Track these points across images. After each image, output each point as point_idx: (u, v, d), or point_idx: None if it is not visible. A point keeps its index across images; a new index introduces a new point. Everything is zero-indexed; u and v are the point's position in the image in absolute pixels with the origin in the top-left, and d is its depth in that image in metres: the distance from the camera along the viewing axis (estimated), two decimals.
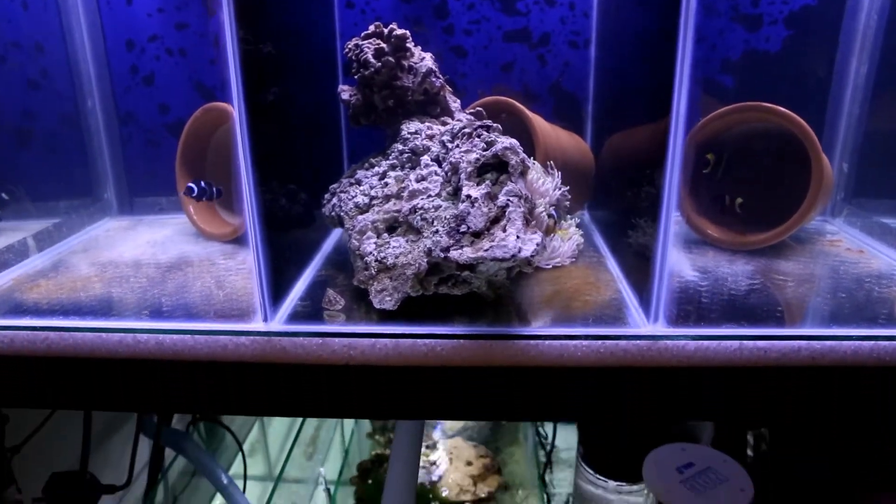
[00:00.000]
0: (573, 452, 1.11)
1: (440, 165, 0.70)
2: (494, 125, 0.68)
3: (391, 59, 0.77)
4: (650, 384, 0.63)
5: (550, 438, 1.33)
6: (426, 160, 0.72)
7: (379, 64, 0.77)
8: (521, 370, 0.63)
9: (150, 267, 0.86)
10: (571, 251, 0.84)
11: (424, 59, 0.80)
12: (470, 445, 1.40)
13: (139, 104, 1.10)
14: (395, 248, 0.66)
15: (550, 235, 0.82)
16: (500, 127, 0.68)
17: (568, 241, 0.84)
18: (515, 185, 0.62)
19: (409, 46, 0.79)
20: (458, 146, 0.68)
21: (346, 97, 0.83)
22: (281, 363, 0.64)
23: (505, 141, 0.64)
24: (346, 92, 0.83)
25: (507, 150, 0.63)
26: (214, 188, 0.94)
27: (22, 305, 0.74)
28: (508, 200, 0.61)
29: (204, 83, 1.09)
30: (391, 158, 0.76)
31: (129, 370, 0.66)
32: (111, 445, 1.18)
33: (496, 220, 0.61)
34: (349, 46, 0.80)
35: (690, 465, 0.85)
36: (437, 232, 0.63)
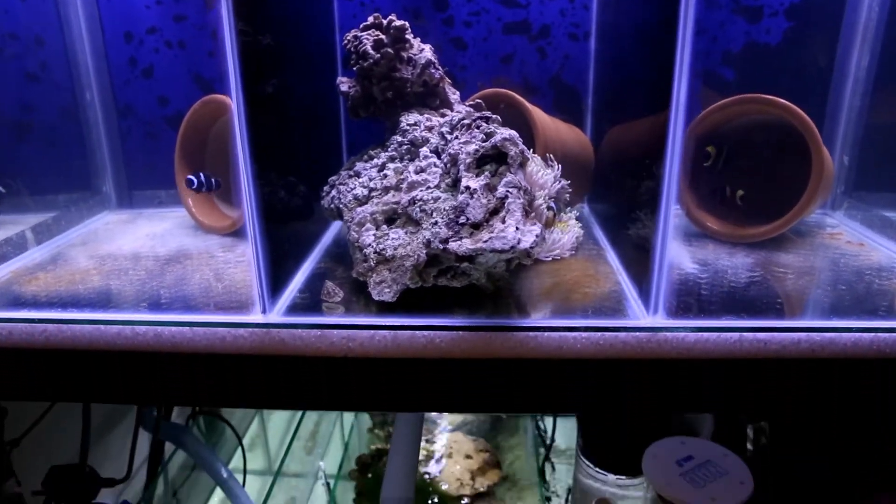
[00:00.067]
0: (573, 446, 1.11)
1: (439, 157, 0.70)
2: (494, 116, 0.68)
3: (390, 50, 0.77)
4: (650, 376, 0.63)
5: (550, 432, 1.33)
6: (425, 152, 0.71)
7: (378, 55, 0.77)
8: (520, 362, 0.62)
9: (148, 260, 0.86)
10: (571, 243, 0.83)
11: (423, 50, 0.80)
12: (470, 439, 1.40)
13: (138, 97, 1.10)
14: (394, 239, 0.66)
15: (550, 228, 0.82)
16: (499, 118, 0.68)
17: (567, 233, 0.83)
18: (515, 176, 0.62)
19: (408, 38, 0.79)
20: (457, 137, 0.67)
21: (344, 89, 0.83)
22: (280, 355, 0.64)
23: (504, 132, 0.64)
24: (344, 83, 0.83)
25: (506, 141, 0.63)
26: (213, 179, 0.94)
27: (20, 298, 0.74)
28: (507, 192, 0.61)
29: (203, 75, 1.08)
30: (390, 150, 0.76)
31: (127, 362, 0.66)
32: (111, 439, 1.18)
33: (495, 211, 0.61)
34: (348, 38, 0.80)
35: (690, 458, 0.85)
36: (436, 223, 0.63)
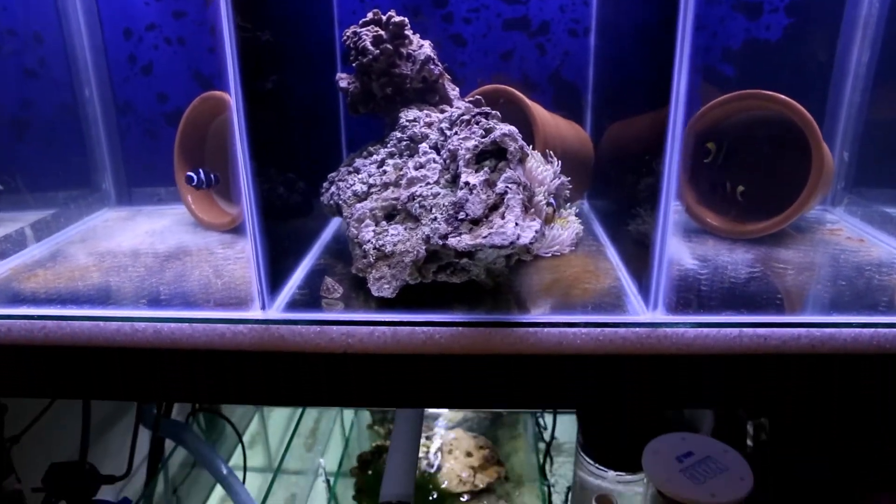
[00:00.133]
0: (573, 443, 1.10)
1: (439, 153, 0.70)
2: (493, 112, 0.68)
3: (389, 46, 0.77)
4: (649, 372, 0.63)
5: (550, 429, 1.33)
6: (424, 147, 0.71)
7: (377, 51, 0.77)
8: (519, 358, 0.62)
9: (148, 256, 0.86)
10: (571, 240, 0.83)
11: (423, 46, 0.80)
12: (470, 436, 1.40)
13: (137, 93, 1.09)
14: (393, 235, 0.66)
15: (549, 224, 0.81)
16: (498, 114, 0.68)
17: (567, 229, 0.83)
18: (514, 171, 0.62)
19: (407, 34, 0.79)
20: (456, 133, 0.67)
21: (344, 85, 0.82)
22: (279, 351, 0.64)
23: (503, 128, 0.64)
24: (344, 80, 0.83)
25: (505, 136, 0.63)
26: (212, 175, 0.94)
27: (19, 295, 0.74)
28: (507, 187, 0.61)
29: (202, 72, 1.08)
30: (389, 146, 0.76)
31: (127, 359, 0.66)
32: (111, 436, 1.18)
33: (495, 207, 0.61)
34: (347, 34, 0.79)
35: (690, 454, 0.85)
36: (435, 219, 0.62)
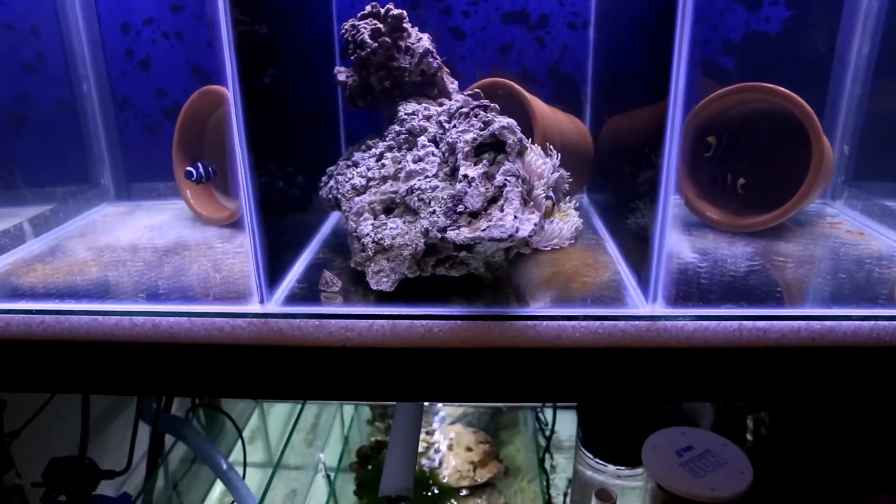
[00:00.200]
0: (573, 438, 1.11)
1: (437, 146, 0.70)
2: (492, 105, 0.67)
3: (388, 39, 0.77)
4: (649, 365, 0.63)
5: (550, 424, 1.33)
6: (423, 141, 0.71)
7: (375, 44, 0.76)
8: (518, 351, 0.62)
9: (147, 251, 0.86)
10: (570, 233, 0.83)
11: (421, 39, 0.79)
12: (470, 431, 1.40)
13: (135, 88, 1.09)
14: (392, 229, 0.66)
15: (549, 217, 0.81)
16: (497, 107, 0.67)
17: (566, 222, 0.83)
18: (513, 164, 0.61)
19: (405, 27, 0.78)
20: (455, 126, 0.67)
21: (342, 78, 0.82)
22: (278, 345, 0.64)
23: (502, 120, 0.63)
24: (342, 73, 0.82)
25: (504, 129, 0.63)
26: (209, 168, 0.94)
27: (18, 289, 0.74)
28: (506, 180, 0.60)
29: (200, 66, 1.08)
30: (388, 140, 0.76)
31: (125, 353, 0.66)
32: (111, 431, 1.18)
33: (493, 200, 0.60)
34: (345, 27, 0.79)
35: (689, 448, 0.85)
36: (434, 212, 0.62)
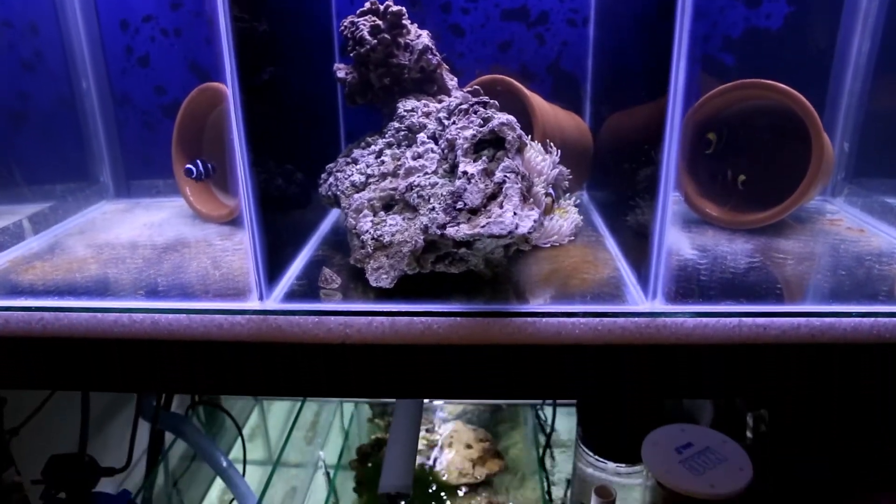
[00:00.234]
0: (573, 436, 1.11)
1: (437, 143, 0.69)
2: (491, 101, 0.67)
3: (387, 36, 0.76)
4: (648, 362, 0.63)
5: (550, 422, 1.33)
6: (423, 137, 0.71)
7: (375, 41, 0.76)
8: (518, 348, 0.62)
9: (146, 248, 0.86)
10: (570, 230, 0.83)
11: (421, 36, 0.79)
12: (470, 429, 1.40)
13: (135, 86, 1.09)
14: (391, 225, 0.66)
15: (549, 214, 0.81)
16: (496, 103, 0.67)
17: (566, 219, 0.83)
18: (512, 161, 0.61)
19: (404, 23, 0.78)
20: (454, 123, 0.67)
21: (342, 75, 0.82)
22: (277, 342, 0.64)
23: (502, 117, 0.63)
24: (341, 70, 0.82)
25: (503, 125, 0.62)
26: (208, 164, 0.94)
27: (17, 287, 0.74)
28: (505, 177, 0.60)
29: (200, 64, 1.07)
30: (387, 137, 0.76)
31: (125, 350, 0.66)
32: (111, 429, 1.18)
33: (493, 196, 0.60)
34: (345, 24, 0.79)
35: (689, 445, 0.85)
36: (433, 209, 0.62)
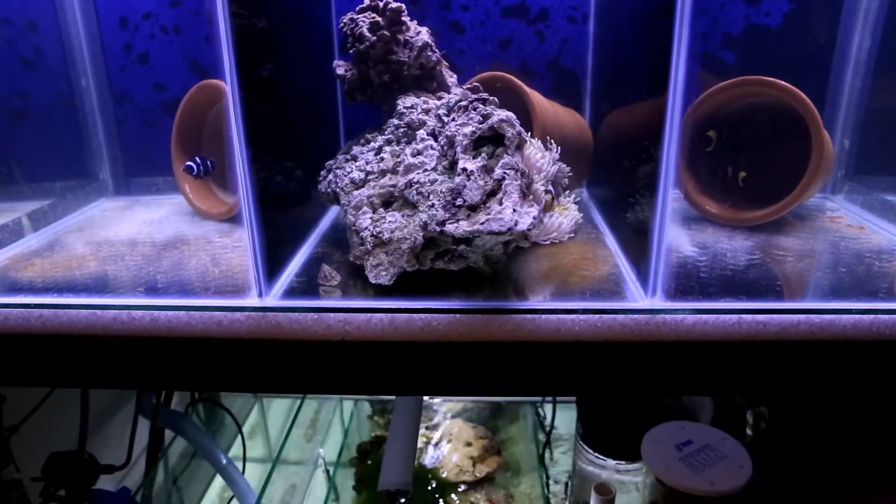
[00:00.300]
0: (573, 433, 1.10)
1: (436, 139, 0.69)
2: (491, 98, 0.67)
3: (386, 32, 0.76)
4: (648, 358, 0.63)
5: (550, 419, 1.33)
6: (422, 134, 0.71)
7: (374, 38, 0.76)
8: (517, 345, 0.62)
9: (145, 245, 0.86)
10: (569, 227, 0.83)
11: (420, 33, 0.79)
12: (469, 426, 1.40)
13: (134, 83, 1.09)
14: (390, 222, 0.66)
15: (549, 212, 0.81)
16: (496, 100, 0.67)
17: (566, 216, 0.83)
18: (512, 157, 0.61)
19: (404, 20, 0.78)
20: (453, 119, 0.67)
21: (341, 72, 0.82)
22: (277, 339, 0.64)
23: (501, 113, 0.63)
24: (341, 67, 0.82)
25: (503, 122, 0.62)
26: (207, 161, 0.94)
27: (17, 284, 0.74)
28: (505, 173, 0.60)
29: (199, 61, 1.07)
30: (387, 133, 0.75)
31: (124, 347, 0.66)
32: (111, 426, 1.18)
33: (492, 193, 0.60)
34: (344, 21, 0.79)
35: (689, 442, 0.85)
36: (432, 206, 0.62)
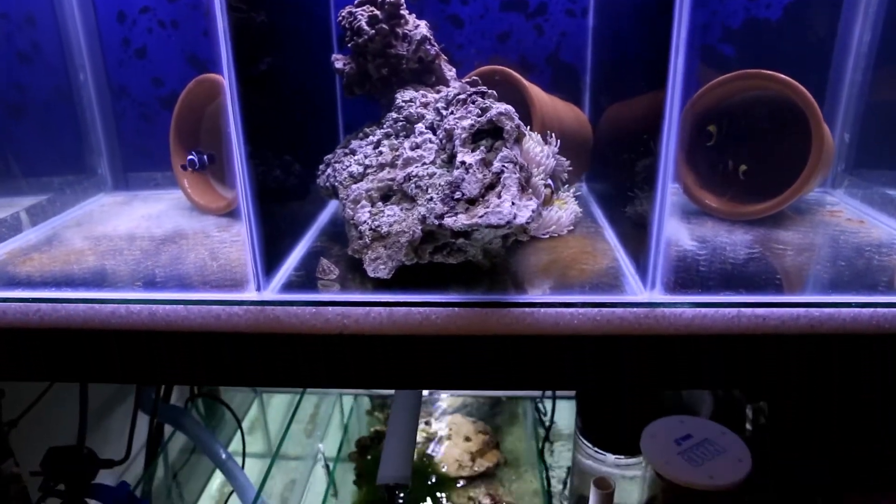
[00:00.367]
0: (572, 428, 1.11)
1: (435, 133, 0.69)
2: (490, 91, 0.67)
3: (385, 26, 0.76)
4: (647, 352, 0.62)
5: (549, 414, 1.33)
6: (420, 128, 0.71)
7: (373, 31, 0.76)
8: (516, 339, 0.62)
9: (144, 240, 0.86)
10: (569, 221, 0.83)
11: (419, 26, 0.79)
12: (469, 421, 1.40)
13: (132, 77, 1.08)
14: (389, 216, 0.65)
15: (548, 205, 0.81)
16: (494, 93, 0.67)
17: (565, 210, 0.83)
18: (510, 151, 0.61)
19: (403, 14, 0.78)
20: (452, 113, 0.66)
21: (340, 66, 0.82)
22: (275, 333, 0.64)
23: (500, 106, 0.63)
24: (339, 61, 0.82)
25: (501, 115, 0.62)
26: (205, 155, 0.94)
27: (15, 278, 0.73)
28: (503, 166, 0.60)
29: (197, 56, 1.07)
30: (385, 127, 0.75)
31: (122, 341, 0.66)
32: (110, 421, 1.18)
33: (491, 186, 0.60)
34: (343, 14, 0.79)
35: (688, 437, 0.85)
36: (431, 199, 0.62)
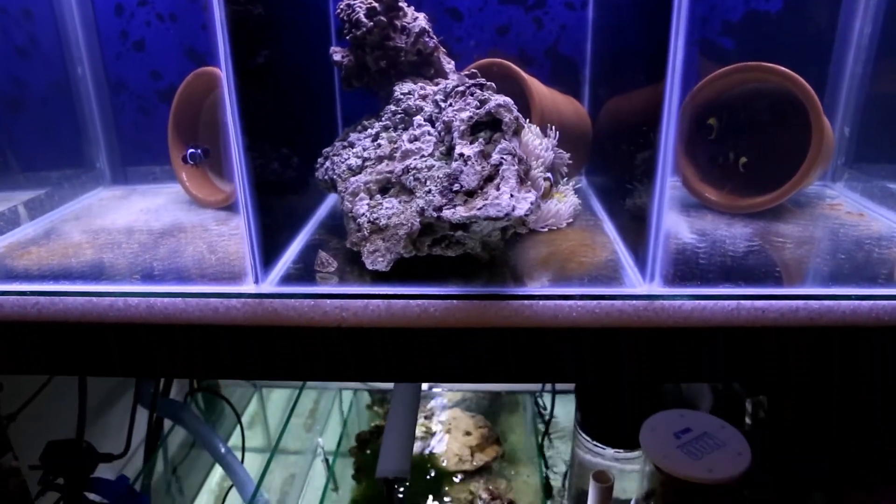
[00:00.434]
0: (572, 423, 1.11)
1: (433, 125, 0.69)
2: (488, 83, 0.67)
3: (383, 18, 0.76)
4: (646, 345, 0.62)
5: (549, 408, 1.33)
6: (419, 120, 0.70)
7: (371, 24, 0.76)
8: (515, 331, 0.62)
9: (142, 233, 0.86)
10: (568, 213, 0.83)
11: (417, 18, 0.79)
12: (468, 416, 1.40)
13: (130, 71, 1.08)
14: (387, 208, 0.65)
15: (547, 198, 0.81)
16: (493, 85, 0.67)
17: (564, 203, 0.83)
18: (509, 143, 0.61)
19: (401, 6, 0.78)
20: (451, 105, 0.66)
21: (338, 58, 0.81)
22: (273, 325, 0.63)
23: (498, 98, 0.63)
24: (338, 53, 0.82)
25: (500, 107, 0.62)
26: (200, 149, 0.93)
27: (13, 272, 0.73)
28: (502, 159, 0.60)
29: (196, 49, 1.07)
30: (384, 120, 0.75)
31: (121, 334, 0.66)
32: (110, 416, 1.18)
33: (490, 178, 0.60)
34: (341, 7, 0.78)
35: (688, 430, 0.85)
36: (429, 192, 0.62)
